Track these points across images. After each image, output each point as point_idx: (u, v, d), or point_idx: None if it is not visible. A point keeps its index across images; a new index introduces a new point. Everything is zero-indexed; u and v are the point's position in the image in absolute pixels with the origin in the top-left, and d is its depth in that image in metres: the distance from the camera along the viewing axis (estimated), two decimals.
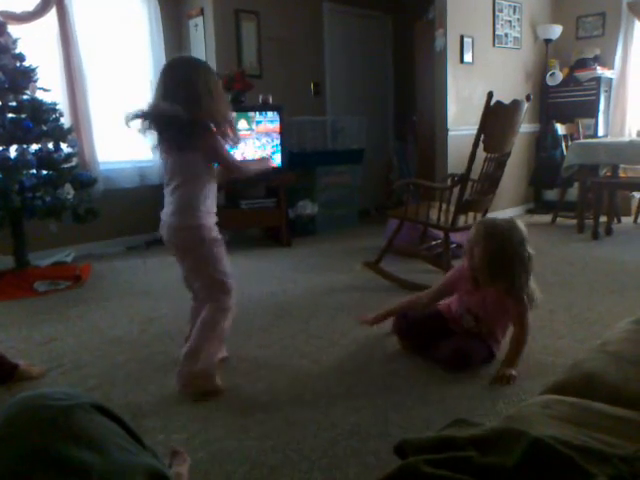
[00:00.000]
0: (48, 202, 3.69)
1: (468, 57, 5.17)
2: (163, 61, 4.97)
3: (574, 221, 5.09)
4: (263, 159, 2.59)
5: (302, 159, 5.18)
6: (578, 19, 5.97)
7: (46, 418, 0.78)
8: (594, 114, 5.71)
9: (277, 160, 4.68)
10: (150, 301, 3.33)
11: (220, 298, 2.17)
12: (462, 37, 5.09)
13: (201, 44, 5.08)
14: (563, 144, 5.42)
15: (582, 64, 5.77)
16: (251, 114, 4.60)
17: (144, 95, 4.96)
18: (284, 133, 4.72)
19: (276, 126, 4.67)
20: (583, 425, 0.94)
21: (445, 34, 4.96)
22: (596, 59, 5.76)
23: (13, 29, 3.88)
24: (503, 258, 2.12)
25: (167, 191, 2.16)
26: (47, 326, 2.94)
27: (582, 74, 5.71)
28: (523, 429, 0.88)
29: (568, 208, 5.35)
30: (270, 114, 4.65)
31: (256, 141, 4.63)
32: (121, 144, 4.87)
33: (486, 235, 2.14)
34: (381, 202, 6.35)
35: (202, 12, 5.02)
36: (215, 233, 2.18)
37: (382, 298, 3.23)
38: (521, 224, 2.20)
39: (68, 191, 3.79)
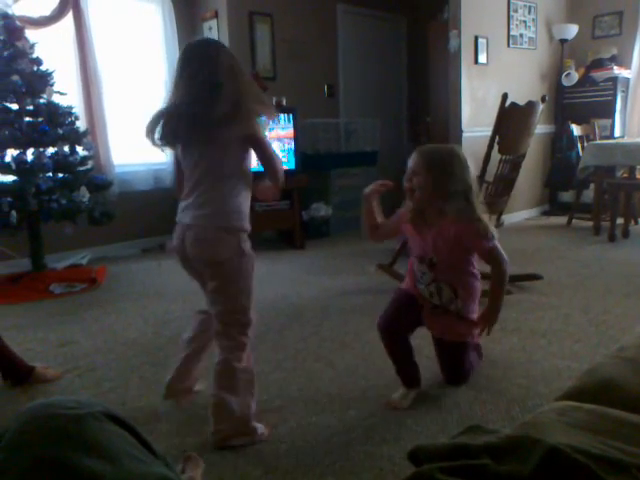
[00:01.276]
0: (64, 205, 3.72)
1: (482, 58, 5.14)
2: None
3: (590, 223, 5.03)
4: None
5: (316, 161, 5.18)
6: (594, 18, 5.91)
7: (57, 427, 0.78)
8: (611, 115, 5.64)
9: (290, 163, 4.70)
10: (164, 303, 3.35)
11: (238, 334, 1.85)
12: (476, 38, 5.06)
13: None
14: (579, 145, 5.37)
15: (598, 64, 5.70)
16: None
17: (159, 98, 5.01)
18: (298, 135, 4.73)
19: (289, 131, 4.67)
20: (600, 433, 0.93)
21: (459, 35, 4.93)
22: (613, 59, 5.70)
23: (30, 34, 3.92)
24: (447, 183, 1.94)
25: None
26: (63, 328, 2.97)
27: (598, 74, 5.65)
28: (539, 437, 0.87)
29: (584, 210, 5.29)
30: (284, 117, 4.66)
31: None
32: (136, 147, 4.91)
33: (428, 164, 1.97)
34: (395, 204, 6.33)
35: (216, 15, 5.05)
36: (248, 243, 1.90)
37: None
38: (460, 150, 2.03)
39: (84, 194, 3.82)
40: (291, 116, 4.68)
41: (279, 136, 4.66)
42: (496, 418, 1.88)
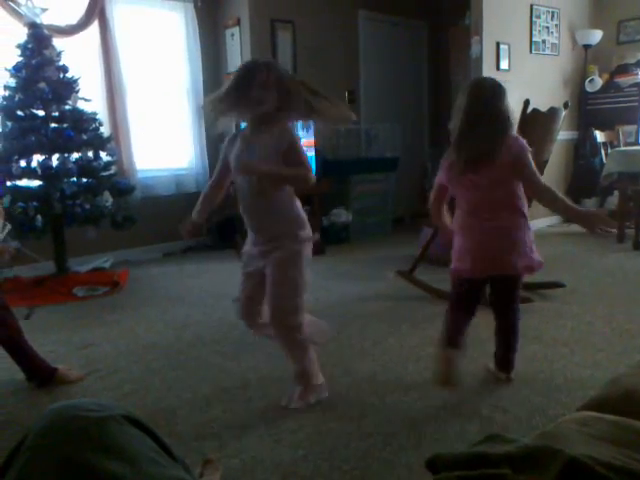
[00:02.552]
0: (87, 209, 3.78)
1: (504, 64, 5.11)
2: (200, 70, 5.08)
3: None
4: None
5: (336, 167, 5.18)
6: (619, 23, 5.83)
7: (78, 429, 0.79)
8: (636, 121, 5.56)
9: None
10: (185, 307, 3.38)
11: None
12: (498, 44, 5.03)
13: (237, 53, 5.14)
14: (602, 152, 5.30)
15: (623, 70, 5.63)
16: None
17: (181, 104, 5.08)
18: (318, 141, 4.73)
19: (310, 137, 4.68)
20: (623, 445, 0.91)
21: (481, 41, 4.91)
22: (638, 64, 5.61)
23: (57, 42, 4.00)
24: (475, 114, 1.97)
25: None
26: (85, 331, 3.01)
27: (623, 80, 5.57)
28: (559, 447, 0.86)
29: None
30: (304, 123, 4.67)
31: None
32: (158, 152, 4.98)
33: (462, 91, 2.04)
34: (416, 210, 6.31)
35: (238, 22, 5.09)
36: None
37: (415, 307, 3.21)
38: (499, 81, 2.05)
39: (107, 198, 3.88)
40: (312, 122, 4.68)
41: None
42: (516, 427, 1.86)
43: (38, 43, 3.78)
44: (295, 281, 1.99)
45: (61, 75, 3.89)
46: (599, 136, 5.35)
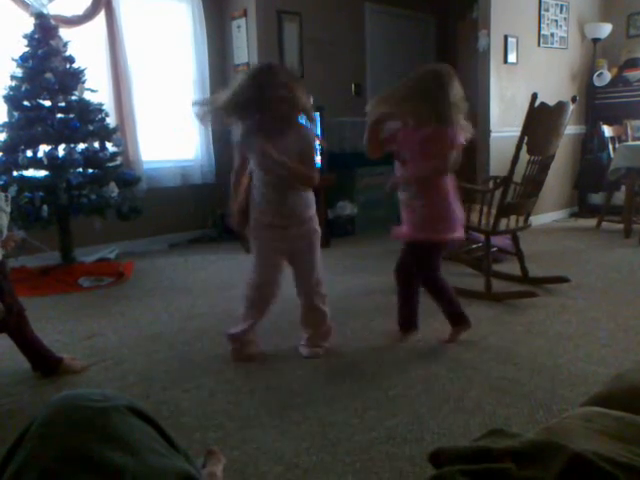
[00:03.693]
0: (93, 200, 3.79)
1: (512, 57, 5.07)
2: (206, 62, 5.08)
3: (620, 226, 4.93)
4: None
5: (342, 160, 5.17)
6: (629, 17, 5.78)
7: (82, 419, 0.80)
8: None
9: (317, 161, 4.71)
10: (190, 299, 3.38)
11: None
12: (506, 37, 4.99)
13: (244, 45, 5.13)
14: (610, 146, 5.26)
15: (632, 63, 5.58)
16: None
17: (188, 95, 5.07)
18: (324, 134, 4.72)
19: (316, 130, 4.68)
20: (628, 441, 0.91)
21: (489, 34, 4.87)
22: None
23: (64, 32, 4.00)
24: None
25: None
26: (90, 321, 3.02)
27: (632, 74, 5.53)
28: (563, 442, 0.85)
29: (614, 212, 5.19)
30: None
31: None
32: (164, 144, 4.97)
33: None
34: None
35: (245, 13, 5.08)
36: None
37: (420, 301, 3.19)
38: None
39: (113, 189, 3.88)
40: (318, 115, 4.68)
41: None
42: (520, 422, 1.85)
43: (44, 33, 3.78)
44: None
45: (67, 65, 3.89)
46: (607, 131, 5.31)
